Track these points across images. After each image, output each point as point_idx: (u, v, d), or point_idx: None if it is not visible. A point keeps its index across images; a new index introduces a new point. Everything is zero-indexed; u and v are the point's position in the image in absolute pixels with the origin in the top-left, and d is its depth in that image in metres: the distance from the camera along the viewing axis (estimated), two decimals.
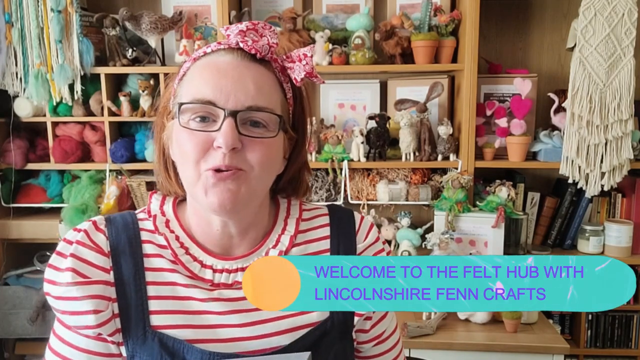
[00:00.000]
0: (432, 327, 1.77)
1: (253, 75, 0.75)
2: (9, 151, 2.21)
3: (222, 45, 0.77)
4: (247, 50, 0.76)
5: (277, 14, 2.19)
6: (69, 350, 0.78)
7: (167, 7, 2.28)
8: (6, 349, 2.37)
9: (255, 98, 0.73)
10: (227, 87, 0.73)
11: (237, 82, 0.73)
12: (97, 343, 0.77)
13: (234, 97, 0.72)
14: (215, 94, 0.73)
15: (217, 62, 0.76)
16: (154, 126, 0.84)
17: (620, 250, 2.14)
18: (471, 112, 2.10)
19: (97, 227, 0.81)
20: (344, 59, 2.13)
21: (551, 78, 2.32)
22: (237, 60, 0.75)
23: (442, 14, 2.15)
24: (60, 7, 2.08)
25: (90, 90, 2.21)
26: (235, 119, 0.72)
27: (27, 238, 2.29)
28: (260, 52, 0.76)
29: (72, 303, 0.75)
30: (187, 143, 0.73)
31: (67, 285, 0.74)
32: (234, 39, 0.76)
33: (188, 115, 0.74)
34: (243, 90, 0.73)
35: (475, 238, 2.08)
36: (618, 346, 2.22)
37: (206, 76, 0.74)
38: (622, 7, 1.94)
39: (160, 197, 0.86)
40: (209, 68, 0.75)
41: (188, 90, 0.76)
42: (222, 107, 0.72)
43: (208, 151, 0.72)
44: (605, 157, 2.03)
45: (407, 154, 2.17)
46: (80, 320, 0.75)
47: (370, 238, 0.87)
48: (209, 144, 0.72)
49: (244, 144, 0.73)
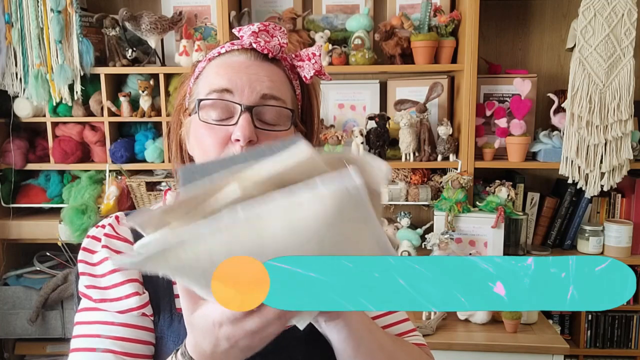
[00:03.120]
0: (432, 327, 1.77)
1: (266, 72, 0.79)
2: (9, 151, 2.21)
3: (236, 45, 0.81)
4: (260, 51, 0.80)
5: (277, 14, 2.19)
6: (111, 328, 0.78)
7: (167, 7, 2.28)
8: (6, 349, 2.37)
9: (270, 88, 0.78)
10: (242, 81, 0.77)
11: (251, 77, 0.77)
12: (141, 318, 0.79)
13: (249, 89, 0.76)
14: (231, 85, 0.76)
15: (232, 61, 0.79)
16: (171, 124, 0.88)
17: (619, 250, 2.14)
18: (471, 112, 2.10)
19: (119, 221, 0.85)
20: (344, 60, 2.13)
21: (551, 78, 2.33)
22: (251, 60, 0.79)
23: (442, 14, 2.15)
24: (60, 8, 2.08)
25: (90, 91, 2.21)
26: (251, 113, 0.75)
27: (27, 238, 2.29)
28: (272, 51, 0.81)
29: (117, 289, 0.78)
30: (207, 137, 0.77)
31: (110, 274, 0.78)
32: (247, 40, 0.80)
33: (206, 111, 0.78)
34: (258, 82, 0.77)
35: (475, 238, 2.08)
36: (618, 346, 2.22)
37: (221, 72, 0.78)
38: (621, 8, 1.95)
39: (175, 195, 0.89)
40: (224, 66, 0.79)
41: (204, 86, 0.79)
42: (239, 101, 0.76)
43: (226, 145, 0.76)
44: (604, 157, 2.03)
45: (407, 154, 2.17)
46: (124, 304, 0.77)
47: None
48: (227, 138, 0.76)
49: (260, 138, 0.76)
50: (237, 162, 0.56)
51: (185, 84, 0.86)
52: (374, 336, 0.75)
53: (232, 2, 2.18)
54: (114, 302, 0.78)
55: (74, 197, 2.20)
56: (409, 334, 0.89)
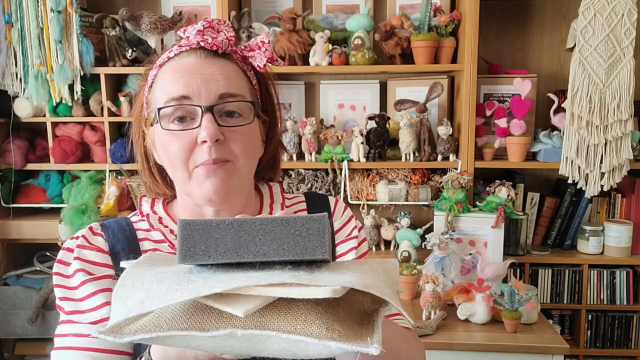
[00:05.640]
0: (432, 327, 1.77)
1: (219, 69, 0.78)
2: (9, 151, 2.21)
3: (184, 47, 0.80)
4: (209, 48, 0.79)
5: (277, 14, 2.19)
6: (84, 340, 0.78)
7: (167, 7, 2.28)
8: (6, 349, 2.37)
9: (226, 86, 0.77)
10: (197, 83, 0.76)
11: (206, 77, 0.77)
12: None
13: (205, 90, 0.76)
14: (188, 90, 0.76)
15: (183, 64, 0.79)
16: (132, 135, 0.87)
17: (619, 250, 2.14)
18: (471, 112, 2.10)
19: (93, 231, 0.84)
20: (344, 60, 2.13)
21: (551, 78, 2.33)
22: (201, 59, 0.79)
23: (442, 14, 2.15)
24: (60, 8, 2.08)
25: (90, 91, 2.21)
26: (212, 113, 0.75)
27: (27, 238, 2.29)
28: (221, 47, 0.80)
29: (89, 300, 0.77)
30: (172, 145, 0.77)
31: (82, 285, 0.78)
32: (194, 39, 0.79)
33: (167, 119, 0.77)
34: (213, 83, 0.77)
35: (475, 238, 2.08)
36: (618, 346, 2.22)
37: (176, 77, 0.77)
38: (621, 8, 1.94)
39: (150, 200, 0.90)
40: (177, 70, 0.78)
41: (161, 94, 0.78)
42: (198, 104, 0.75)
43: (194, 149, 0.76)
44: (604, 157, 2.03)
45: (407, 154, 2.17)
46: (97, 314, 0.77)
47: (344, 217, 0.94)
48: (192, 142, 0.76)
49: (226, 136, 0.76)
50: (246, 228, 0.53)
51: (141, 94, 0.85)
52: None
53: (232, 2, 2.18)
54: (85, 313, 0.77)
55: (74, 197, 2.21)
56: (395, 317, 0.89)
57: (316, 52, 2.14)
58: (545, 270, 2.19)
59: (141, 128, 0.85)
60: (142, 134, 0.85)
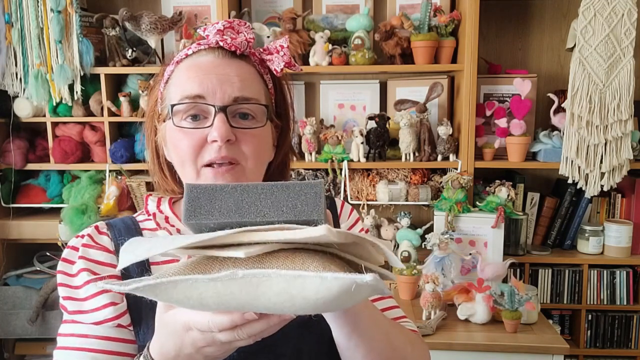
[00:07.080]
0: (432, 327, 1.77)
1: (236, 70, 0.78)
2: (9, 151, 2.21)
3: (203, 45, 0.80)
4: (227, 48, 0.79)
5: (277, 14, 2.19)
6: (86, 340, 0.77)
7: (167, 7, 2.28)
8: (6, 349, 2.37)
9: (241, 89, 0.77)
10: (213, 83, 0.76)
11: (221, 78, 0.77)
12: (116, 329, 0.78)
13: (220, 91, 0.76)
14: (203, 89, 0.76)
15: (200, 62, 0.78)
16: (145, 130, 0.87)
17: (619, 250, 2.15)
18: (471, 112, 2.10)
19: (99, 230, 0.84)
20: (344, 60, 2.13)
21: (551, 78, 2.33)
22: (219, 59, 0.79)
23: (442, 14, 2.15)
24: (60, 8, 2.08)
25: (90, 91, 2.21)
26: (225, 113, 0.75)
27: (27, 238, 2.29)
28: (240, 48, 0.80)
29: (93, 300, 0.77)
30: (183, 142, 0.76)
31: (86, 285, 0.77)
32: (213, 39, 0.79)
33: (180, 116, 0.77)
34: (228, 84, 0.76)
35: (475, 238, 2.08)
36: (618, 346, 2.22)
37: (191, 75, 0.77)
38: (621, 8, 1.94)
39: (156, 199, 0.89)
40: (193, 68, 0.78)
41: (176, 91, 0.78)
42: (212, 103, 0.75)
43: (203, 147, 0.76)
44: (604, 157, 2.03)
45: (407, 154, 2.17)
46: (100, 315, 0.77)
47: (351, 219, 0.94)
48: (203, 140, 0.76)
49: (237, 137, 0.76)
50: (248, 192, 0.56)
51: (156, 89, 0.85)
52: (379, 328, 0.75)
53: (232, 2, 2.18)
54: (89, 313, 0.77)
55: (74, 197, 2.21)
56: (401, 319, 0.89)
57: (316, 52, 2.14)
58: (545, 270, 2.19)
59: (154, 123, 0.85)
60: (154, 129, 0.85)
